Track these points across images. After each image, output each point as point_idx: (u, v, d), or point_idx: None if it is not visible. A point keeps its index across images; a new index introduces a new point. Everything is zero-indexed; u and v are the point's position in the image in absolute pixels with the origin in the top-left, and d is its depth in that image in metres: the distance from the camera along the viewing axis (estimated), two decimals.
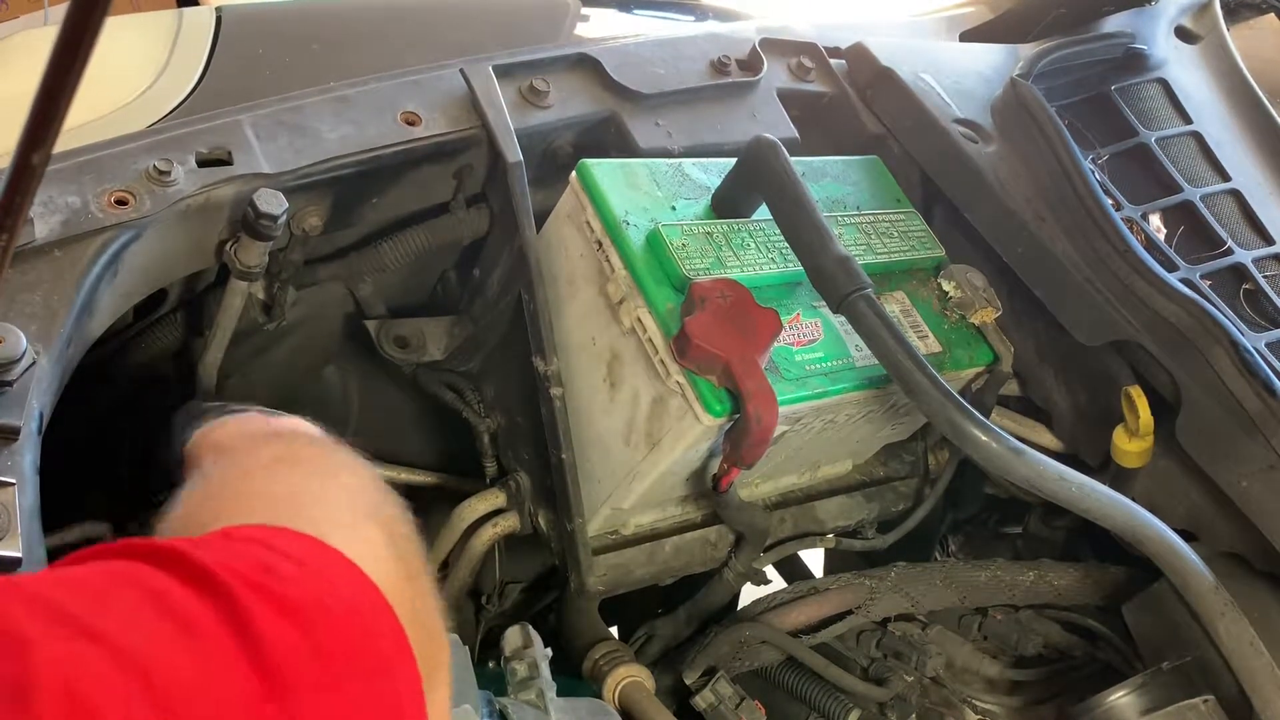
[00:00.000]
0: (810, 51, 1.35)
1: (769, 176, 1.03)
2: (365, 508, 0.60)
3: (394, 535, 0.58)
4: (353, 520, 0.57)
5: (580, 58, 1.20)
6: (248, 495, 0.61)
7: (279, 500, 0.59)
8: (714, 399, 0.97)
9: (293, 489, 0.61)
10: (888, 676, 1.25)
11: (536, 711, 0.90)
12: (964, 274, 1.21)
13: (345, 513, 0.58)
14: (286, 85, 1.09)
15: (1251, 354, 1.07)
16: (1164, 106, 1.41)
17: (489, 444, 1.22)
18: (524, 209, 1.08)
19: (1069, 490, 0.97)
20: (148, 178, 0.93)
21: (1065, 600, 1.23)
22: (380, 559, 0.53)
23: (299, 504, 0.58)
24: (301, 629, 0.44)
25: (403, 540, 0.59)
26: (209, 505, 0.62)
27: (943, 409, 0.95)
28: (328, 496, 0.60)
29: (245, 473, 0.66)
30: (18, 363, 0.78)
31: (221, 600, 0.44)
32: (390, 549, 0.55)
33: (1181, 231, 1.28)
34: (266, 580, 0.46)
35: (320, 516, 0.55)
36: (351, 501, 0.60)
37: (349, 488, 0.62)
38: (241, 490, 0.63)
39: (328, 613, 0.46)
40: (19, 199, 0.44)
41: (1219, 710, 1.03)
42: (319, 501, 0.59)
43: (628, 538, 1.17)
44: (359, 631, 0.48)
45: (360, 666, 0.47)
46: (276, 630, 0.44)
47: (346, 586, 0.49)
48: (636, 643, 1.25)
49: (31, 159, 0.42)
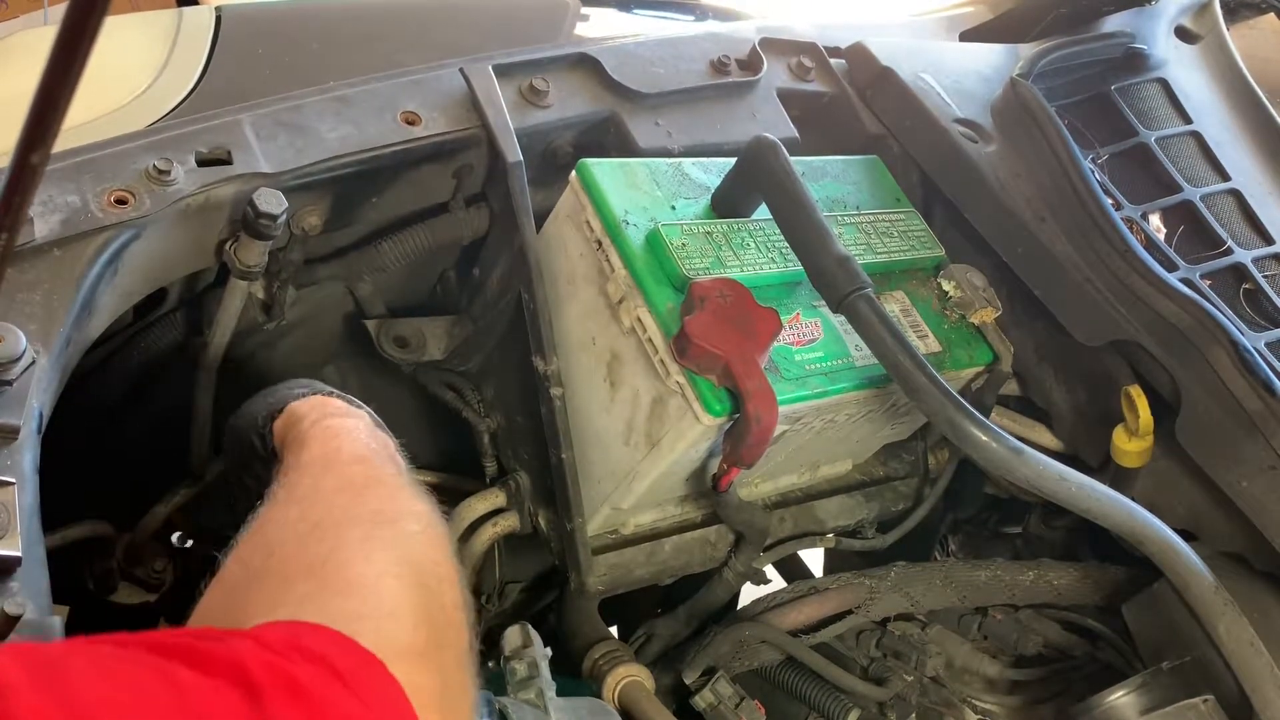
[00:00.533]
0: (810, 51, 1.35)
1: (769, 176, 1.03)
2: (413, 576, 0.62)
3: (431, 609, 0.60)
4: (393, 606, 0.59)
5: (580, 57, 1.20)
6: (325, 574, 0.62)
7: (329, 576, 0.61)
8: (714, 399, 0.97)
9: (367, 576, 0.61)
10: (887, 676, 1.25)
11: (536, 711, 0.90)
12: (964, 274, 1.21)
13: (405, 634, 0.58)
14: (286, 85, 1.09)
15: (1251, 354, 1.07)
16: (1164, 106, 1.41)
17: (489, 443, 1.22)
18: (524, 209, 1.08)
19: (1069, 490, 0.97)
20: (147, 177, 0.93)
21: (1065, 600, 1.23)
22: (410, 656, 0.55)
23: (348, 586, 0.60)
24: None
25: (440, 612, 0.61)
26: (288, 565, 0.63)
27: (942, 409, 0.95)
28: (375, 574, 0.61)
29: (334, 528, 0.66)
30: (17, 362, 0.78)
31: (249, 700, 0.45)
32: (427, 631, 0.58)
33: (1181, 231, 1.28)
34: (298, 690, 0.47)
35: (382, 635, 0.56)
36: (399, 572, 0.62)
37: (404, 543, 0.64)
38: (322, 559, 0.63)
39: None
40: (19, 198, 0.44)
41: (1219, 710, 1.03)
42: (366, 585, 0.60)
43: (627, 537, 1.17)
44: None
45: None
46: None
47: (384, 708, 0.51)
48: (636, 642, 1.25)
49: (31, 158, 0.42)
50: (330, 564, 0.62)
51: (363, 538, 0.65)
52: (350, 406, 0.87)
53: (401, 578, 0.62)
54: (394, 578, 0.61)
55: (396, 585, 0.61)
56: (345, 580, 0.60)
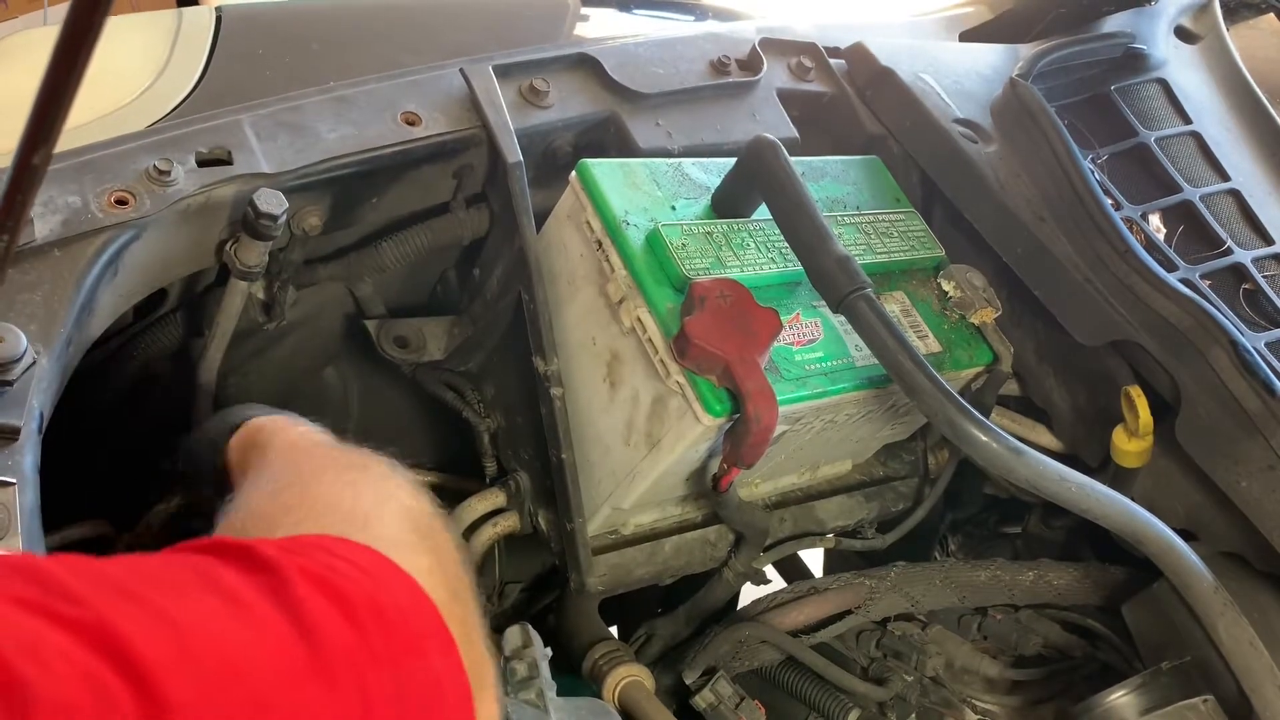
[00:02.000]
0: (810, 51, 1.35)
1: (769, 176, 1.03)
2: (422, 532, 0.61)
3: (444, 562, 0.59)
4: (411, 544, 0.58)
5: (580, 58, 1.20)
6: (317, 501, 0.63)
7: (345, 512, 0.61)
8: (714, 399, 0.97)
9: (359, 504, 0.62)
10: (887, 676, 1.25)
11: (536, 711, 0.90)
12: (964, 274, 1.21)
13: (405, 535, 0.59)
14: (286, 85, 1.09)
15: (1251, 354, 1.07)
16: (1163, 106, 1.41)
17: (489, 444, 1.22)
18: (524, 209, 1.08)
19: (1069, 490, 0.97)
20: (148, 177, 0.93)
21: (1065, 600, 1.23)
22: (433, 582, 0.54)
23: (364, 519, 0.60)
24: (351, 621, 0.45)
25: (452, 566, 0.60)
26: (279, 501, 0.64)
27: (942, 409, 0.95)
28: (388, 517, 0.61)
29: (316, 476, 0.67)
30: (18, 362, 0.78)
31: (277, 584, 0.45)
32: (441, 575, 0.57)
33: (1181, 231, 1.28)
34: (325, 574, 0.47)
35: (382, 535, 0.56)
36: (412, 525, 0.61)
37: (408, 511, 0.63)
38: (310, 495, 0.64)
39: (380, 612, 0.47)
40: (20, 199, 0.44)
41: (1218, 710, 1.03)
42: (381, 521, 0.60)
43: (627, 537, 1.17)
44: (409, 634, 0.49)
45: (408, 666, 0.48)
46: (327, 617, 0.45)
47: (401, 594, 0.50)
48: (636, 642, 1.25)
49: (33, 159, 0.42)
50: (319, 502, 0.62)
51: (347, 481, 0.65)
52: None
53: (395, 512, 0.62)
54: (390, 512, 0.61)
55: (394, 515, 0.61)
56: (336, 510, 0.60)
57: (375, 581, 0.49)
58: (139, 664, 0.37)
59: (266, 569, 0.46)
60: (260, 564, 0.46)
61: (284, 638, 0.43)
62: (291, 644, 0.43)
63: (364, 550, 0.52)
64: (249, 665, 0.41)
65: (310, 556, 0.48)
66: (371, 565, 0.51)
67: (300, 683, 0.42)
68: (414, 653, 0.48)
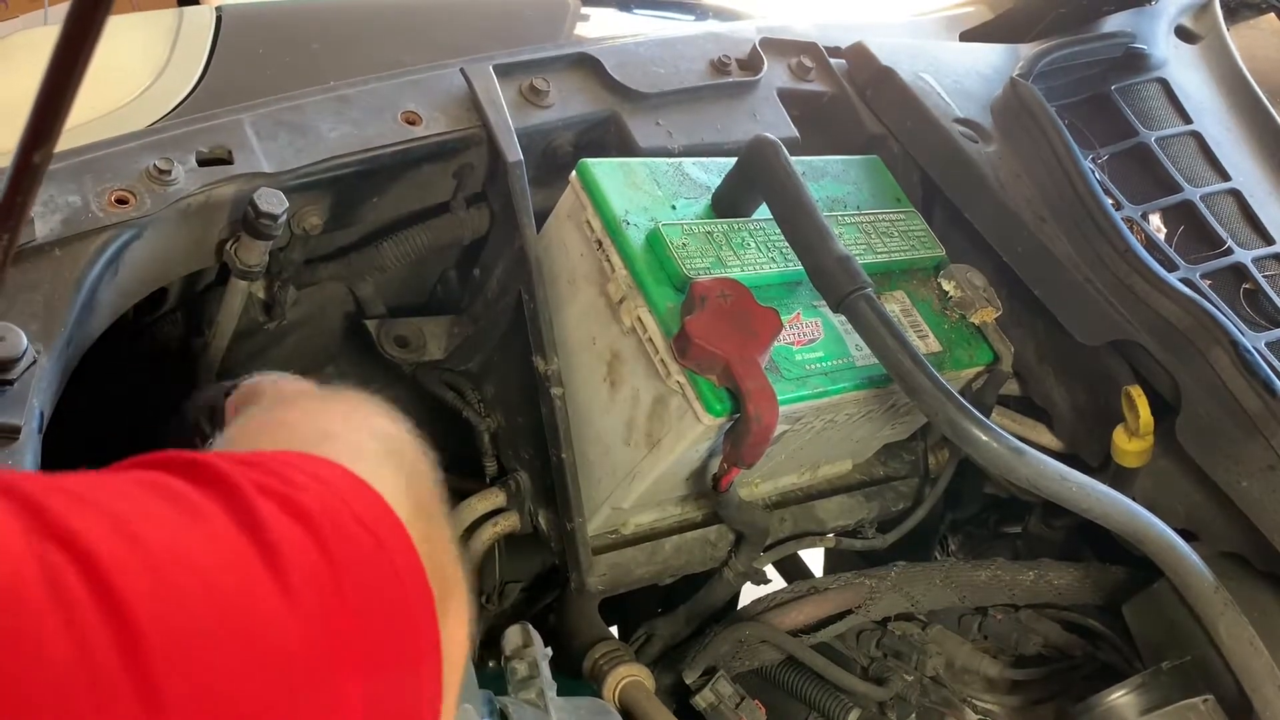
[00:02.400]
0: (810, 51, 1.35)
1: (769, 176, 1.03)
2: (391, 449, 0.61)
3: (412, 479, 0.59)
4: (376, 457, 0.58)
5: (580, 57, 1.20)
6: (283, 423, 0.64)
7: (309, 430, 0.61)
8: (714, 398, 0.97)
9: (325, 423, 0.62)
10: (888, 676, 1.25)
11: (536, 710, 0.90)
12: (964, 274, 1.21)
13: (370, 449, 0.59)
14: (287, 84, 1.09)
15: (1251, 354, 1.07)
16: (1164, 106, 1.41)
17: (489, 443, 1.22)
18: (524, 208, 1.08)
19: (1069, 490, 0.97)
20: (148, 177, 0.93)
21: (1065, 600, 1.23)
22: (398, 496, 0.53)
23: (325, 434, 0.60)
24: (310, 531, 0.45)
25: (421, 484, 0.60)
26: (246, 427, 0.65)
27: (943, 408, 0.95)
28: (354, 433, 0.61)
29: (287, 404, 0.68)
30: (18, 361, 0.78)
31: (232, 498, 0.44)
32: (407, 490, 0.56)
33: (1181, 231, 1.28)
34: (280, 487, 0.46)
35: (343, 451, 0.55)
36: (380, 443, 0.61)
37: (377, 430, 0.63)
38: (276, 418, 0.65)
39: (338, 523, 0.46)
40: (21, 198, 0.44)
41: (1219, 710, 1.03)
42: (345, 437, 0.60)
43: (627, 537, 1.17)
44: (370, 543, 0.48)
45: (368, 574, 0.47)
46: (284, 528, 0.44)
47: (361, 504, 0.49)
48: (636, 642, 1.25)
49: (33, 158, 0.42)
50: (285, 423, 0.62)
51: (318, 407, 0.65)
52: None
53: (362, 428, 0.61)
54: (356, 427, 0.61)
55: (361, 431, 0.61)
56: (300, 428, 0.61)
57: (333, 493, 0.48)
58: (90, 554, 0.37)
59: (217, 481, 0.45)
60: (211, 477, 0.45)
61: (237, 543, 0.42)
62: (245, 551, 0.42)
63: (324, 463, 0.51)
64: (203, 561, 0.41)
65: (265, 469, 0.47)
66: (332, 477, 0.50)
67: (254, 588, 0.41)
68: (373, 563, 0.47)
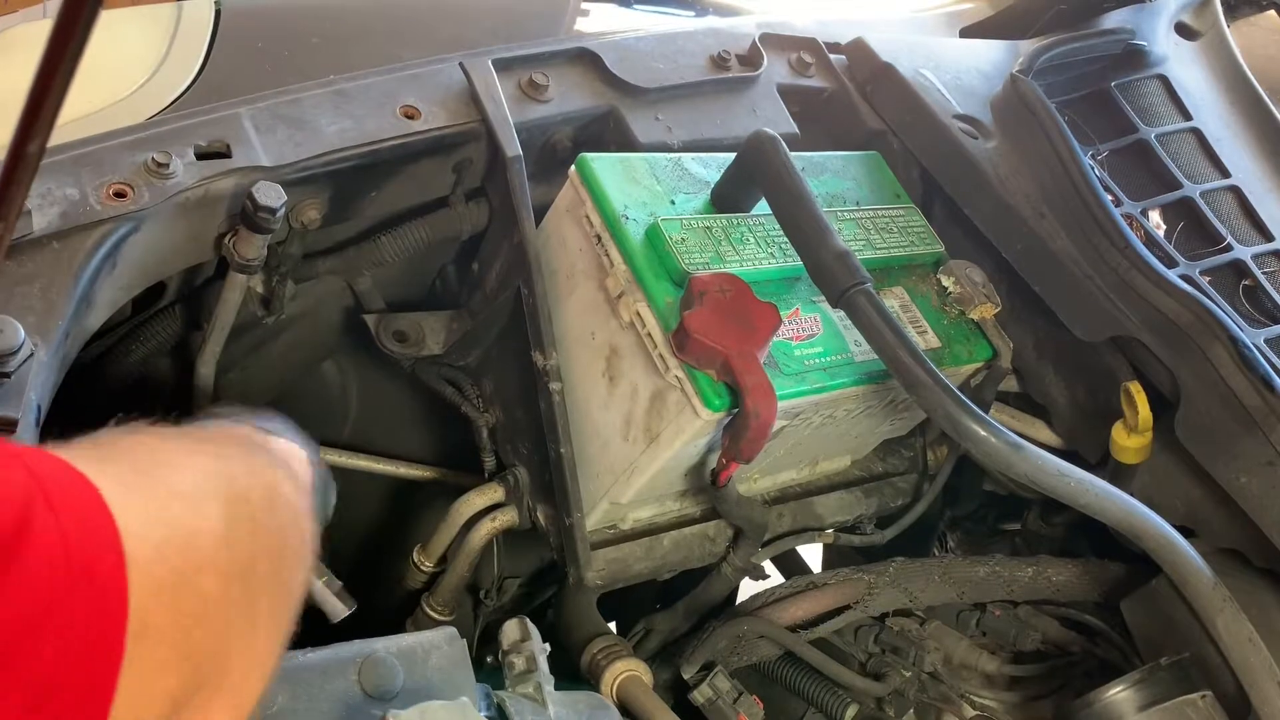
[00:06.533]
0: (810, 47, 1.35)
1: (768, 171, 1.03)
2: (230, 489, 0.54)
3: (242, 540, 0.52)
4: (195, 500, 0.51)
5: (580, 52, 1.19)
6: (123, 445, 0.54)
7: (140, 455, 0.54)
8: (713, 393, 0.97)
9: (170, 458, 0.55)
10: (886, 672, 1.25)
11: (534, 705, 0.90)
12: (963, 269, 1.21)
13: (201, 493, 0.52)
14: (285, 78, 1.09)
15: (1250, 350, 1.07)
16: (1164, 103, 1.41)
17: (487, 438, 1.22)
18: (523, 203, 1.08)
19: (1068, 486, 0.97)
20: (146, 170, 0.93)
21: (1064, 596, 1.23)
22: (187, 538, 0.48)
23: (154, 462, 0.53)
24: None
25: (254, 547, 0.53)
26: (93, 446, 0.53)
27: (942, 404, 0.95)
28: (195, 465, 0.54)
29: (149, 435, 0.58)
30: (15, 355, 0.78)
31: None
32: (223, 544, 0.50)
33: (1181, 228, 1.28)
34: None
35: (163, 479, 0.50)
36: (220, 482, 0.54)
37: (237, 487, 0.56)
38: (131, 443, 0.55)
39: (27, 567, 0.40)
40: (15, 189, 0.44)
41: (1217, 706, 1.03)
42: (179, 468, 0.53)
43: (626, 532, 1.17)
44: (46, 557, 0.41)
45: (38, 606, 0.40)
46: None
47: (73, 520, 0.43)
48: (635, 637, 1.25)
49: (27, 148, 0.42)
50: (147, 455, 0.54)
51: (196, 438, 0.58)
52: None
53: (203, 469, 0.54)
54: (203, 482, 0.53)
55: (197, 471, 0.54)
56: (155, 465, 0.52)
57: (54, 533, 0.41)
58: None
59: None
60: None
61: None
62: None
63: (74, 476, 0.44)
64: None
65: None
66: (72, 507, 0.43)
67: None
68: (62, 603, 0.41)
